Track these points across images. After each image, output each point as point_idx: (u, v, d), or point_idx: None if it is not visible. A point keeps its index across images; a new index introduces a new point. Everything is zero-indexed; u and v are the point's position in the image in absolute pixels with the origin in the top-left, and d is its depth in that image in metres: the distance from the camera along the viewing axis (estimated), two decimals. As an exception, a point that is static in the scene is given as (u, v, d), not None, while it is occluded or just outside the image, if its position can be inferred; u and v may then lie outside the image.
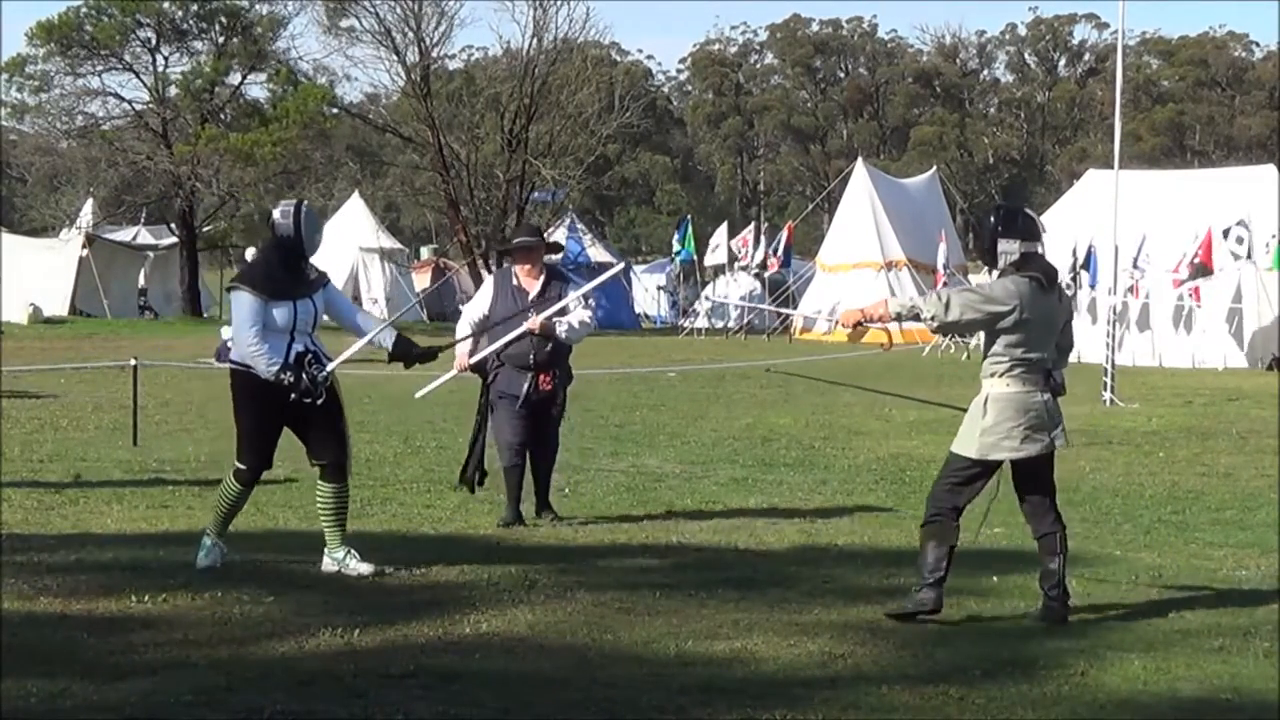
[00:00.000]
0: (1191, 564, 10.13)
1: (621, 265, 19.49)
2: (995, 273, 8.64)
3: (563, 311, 11.35)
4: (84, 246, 47.17)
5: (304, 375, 9.11)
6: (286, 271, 9.28)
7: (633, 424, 19.07)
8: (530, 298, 11.42)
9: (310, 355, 9.25)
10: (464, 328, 11.58)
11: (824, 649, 7.67)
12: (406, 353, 9.61)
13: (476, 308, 11.66)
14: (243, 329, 9.18)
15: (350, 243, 49.58)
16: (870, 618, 8.37)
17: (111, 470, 14.22)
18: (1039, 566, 8.60)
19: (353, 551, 9.40)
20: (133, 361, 17.85)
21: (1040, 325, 8.55)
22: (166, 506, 12.13)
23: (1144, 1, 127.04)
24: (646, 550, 10.55)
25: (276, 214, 9.34)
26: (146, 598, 8.56)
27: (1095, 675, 7.26)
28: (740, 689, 6.95)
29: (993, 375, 8.52)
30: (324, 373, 9.23)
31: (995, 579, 9.45)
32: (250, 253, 33.20)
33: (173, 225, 49.85)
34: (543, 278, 11.55)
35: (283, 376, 9.08)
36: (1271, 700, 6.95)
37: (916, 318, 8.54)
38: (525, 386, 11.37)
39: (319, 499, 9.54)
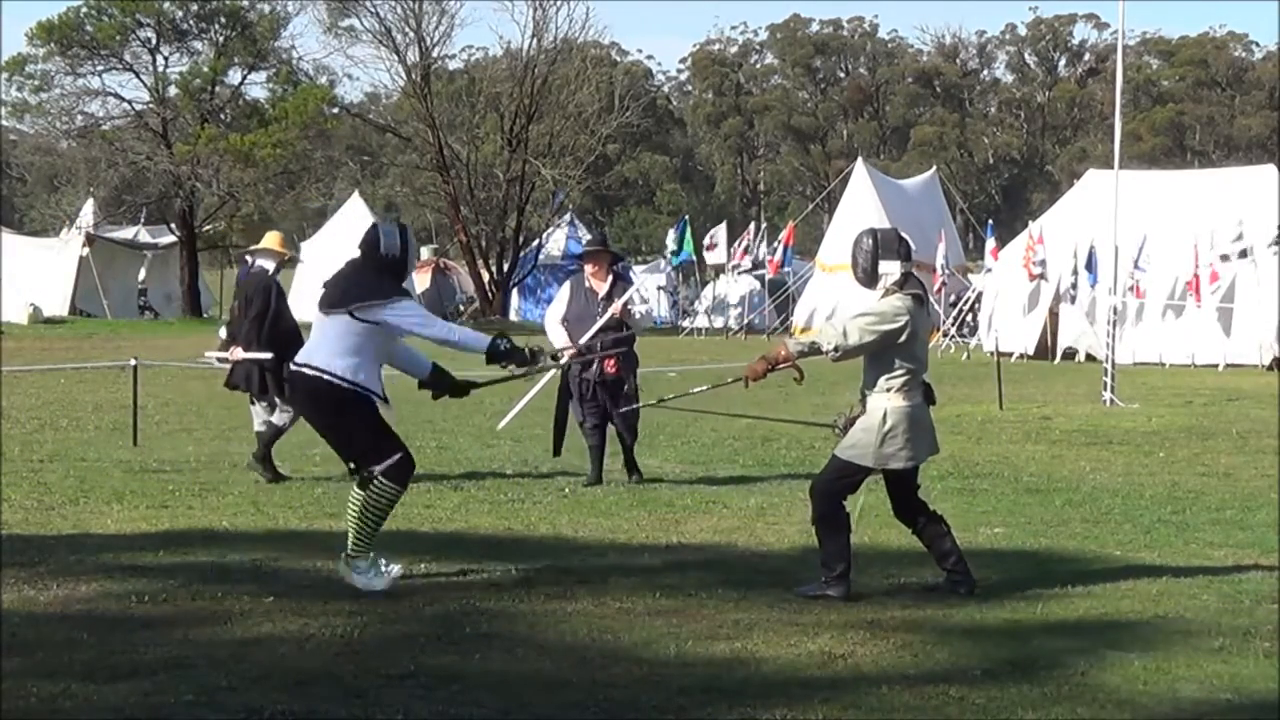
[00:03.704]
0: (1191, 564, 10.12)
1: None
2: (879, 292, 9.09)
3: (630, 304, 13.77)
4: (84, 246, 47.18)
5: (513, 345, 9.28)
6: None
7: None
8: (600, 297, 13.65)
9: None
10: (553, 326, 13.90)
11: (824, 649, 7.68)
12: (437, 384, 9.50)
13: (558, 308, 13.96)
14: (436, 319, 9.30)
15: (350, 243, 49.47)
16: (870, 617, 8.37)
17: (111, 470, 14.23)
18: (934, 555, 9.25)
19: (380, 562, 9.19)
20: (133, 361, 17.86)
21: (922, 339, 9.13)
22: (167, 506, 12.13)
23: (1144, 1, 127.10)
24: (646, 550, 10.55)
25: (381, 233, 9.20)
26: (147, 598, 8.57)
27: (1095, 675, 7.26)
28: (740, 689, 6.95)
29: (888, 390, 8.97)
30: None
31: (995, 579, 9.45)
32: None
33: (173, 225, 49.85)
34: (610, 279, 13.78)
35: (500, 343, 9.16)
36: (1272, 700, 6.95)
37: (818, 352, 8.97)
38: (595, 370, 13.52)
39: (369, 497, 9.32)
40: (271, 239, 14.50)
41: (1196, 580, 9.53)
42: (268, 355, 13.62)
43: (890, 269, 9.06)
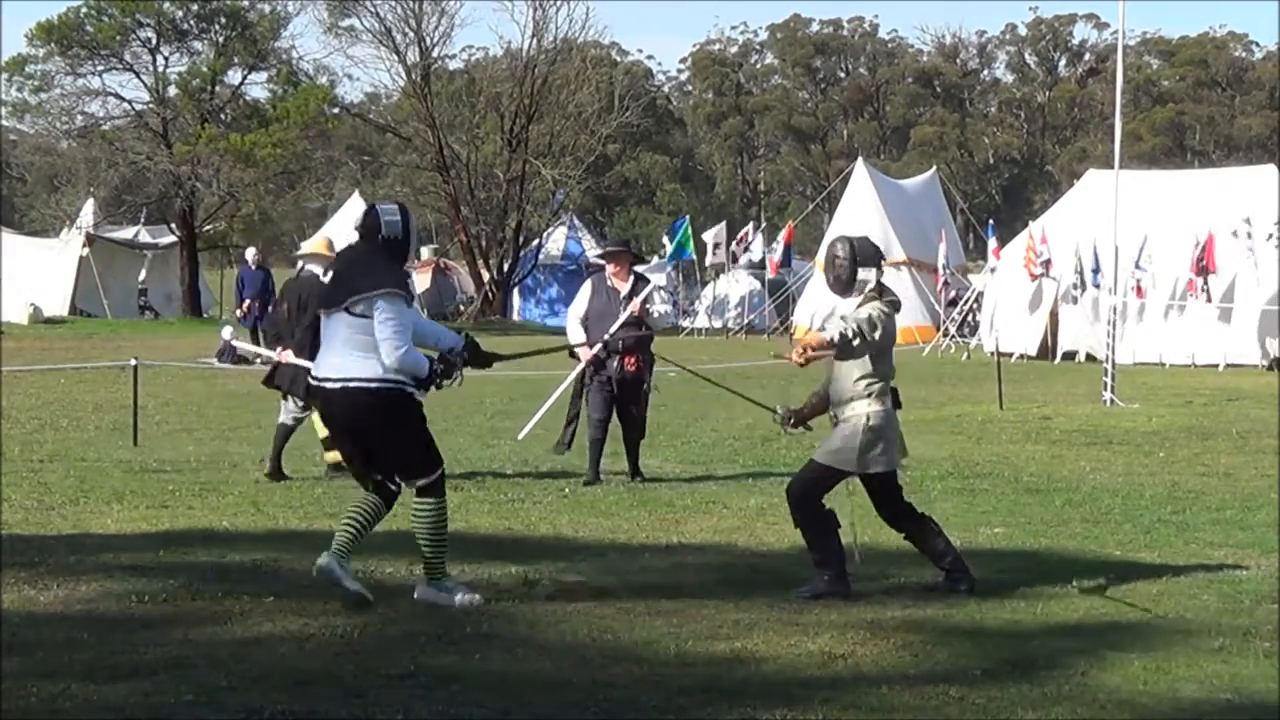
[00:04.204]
0: (1191, 564, 10.12)
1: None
2: (856, 299, 9.21)
3: (649, 302, 14.05)
4: (84, 246, 47.17)
5: (447, 364, 8.74)
6: None
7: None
8: (621, 296, 13.94)
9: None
10: (573, 325, 14.15)
11: (824, 649, 7.67)
12: (476, 360, 9.06)
13: (579, 307, 14.19)
14: (408, 340, 8.48)
15: (350, 243, 49.50)
16: (870, 617, 8.37)
17: (112, 470, 14.23)
18: (929, 555, 9.32)
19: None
20: (133, 361, 17.87)
21: (893, 346, 9.36)
22: (167, 506, 12.14)
23: (1144, 1, 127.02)
24: (647, 550, 10.56)
25: (381, 216, 8.70)
26: (147, 598, 8.57)
27: (1095, 675, 7.26)
28: (740, 689, 6.95)
29: (868, 397, 9.14)
30: (458, 353, 8.88)
31: (995, 579, 9.45)
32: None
33: (173, 225, 49.84)
34: (631, 279, 14.09)
35: (435, 367, 8.63)
36: (1272, 701, 6.95)
37: (848, 343, 8.97)
38: (614, 366, 13.81)
39: (423, 517, 8.82)
40: (319, 244, 14.73)
41: (1196, 580, 9.53)
42: None
43: (868, 276, 9.23)
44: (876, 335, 9.00)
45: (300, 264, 14.74)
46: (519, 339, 37.49)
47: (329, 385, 8.59)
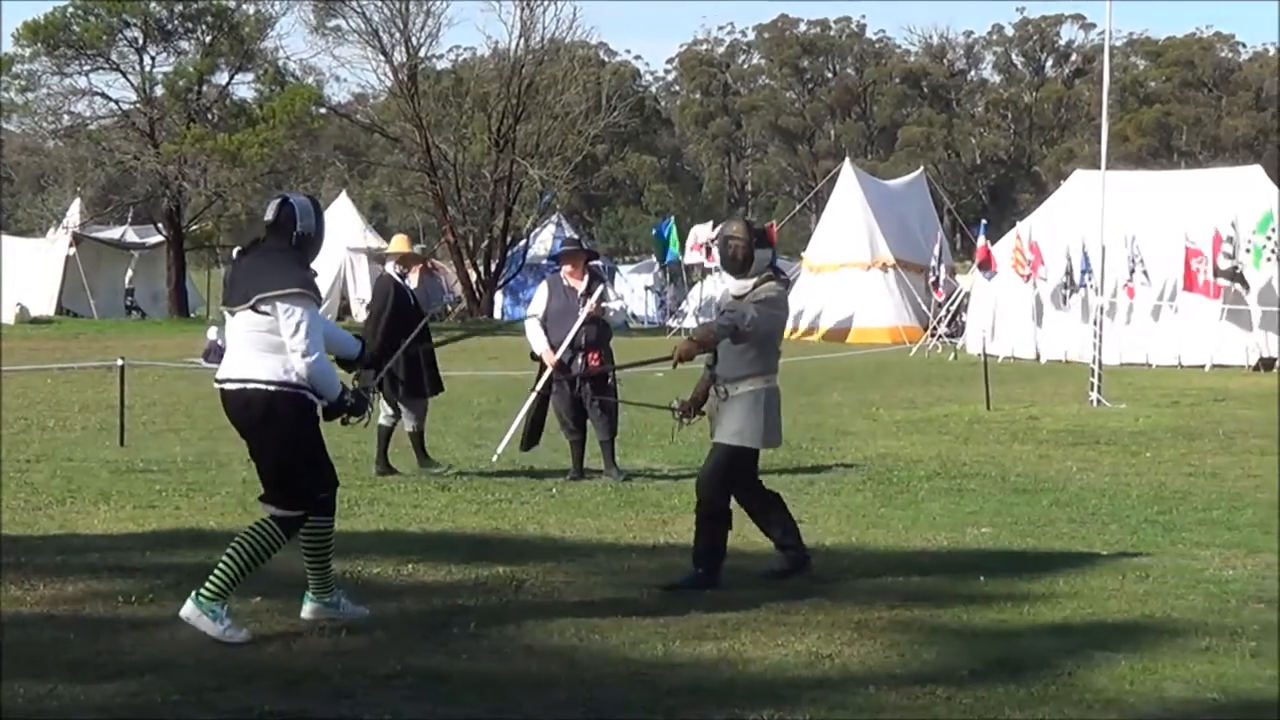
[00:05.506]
0: (1178, 564, 10.13)
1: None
2: (753, 280, 9.36)
3: (604, 300, 14.33)
4: (71, 246, 47.09)
5: (359, 401, 8.21)
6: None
7: (620, 424, 19.02)
8: (579, 295, 14.12)
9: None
10: (532, 325, 14.27)
11: (811, 649, 7.68)
12: (367, 364, 8.78)
13: (537, 307, 14.33)
14: (320, 346, 7.86)
15: (337, 243, 49.48)
16: (857, 618, 8.37)
17: (98, 470, 14.20)
18: (776, 532, 9.55)
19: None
20: (119, 361, 17.83)
21: (786, 323, 9.72)
22: (154, 507, 12.11)
23: (1131, 2, 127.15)
24: (634, 550, 10.55)
25: (299, 210, 8.05)
26: (134, 598, 8.56)
27: (1082, 675, 7.26)
28: (727, 689, 6.96)
29: (764, 374, 9.35)
30: (372, 383, 8.54)
31: (982, 579, 9.46)
32: (238, 252, 33.12)
33: (159, 225, 49.76)
34: (586, 278, 14.24)
35: (346, 397, 8.04)
36: (1257, 700, 6.96)
37: (737, 329, 9.16)
38: (578, 365, 14.07)
39: (318, 536, 8.32)
40: (399, 242, 15.25)
41: (1183, 580, 9.54)
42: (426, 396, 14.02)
43: (764, 256, 9.40)
44: (776, 316, 9.33)
45: (385, 265, 14.89)
46: (505, 339, 37.45)
47: (227, 386, 7.98)
